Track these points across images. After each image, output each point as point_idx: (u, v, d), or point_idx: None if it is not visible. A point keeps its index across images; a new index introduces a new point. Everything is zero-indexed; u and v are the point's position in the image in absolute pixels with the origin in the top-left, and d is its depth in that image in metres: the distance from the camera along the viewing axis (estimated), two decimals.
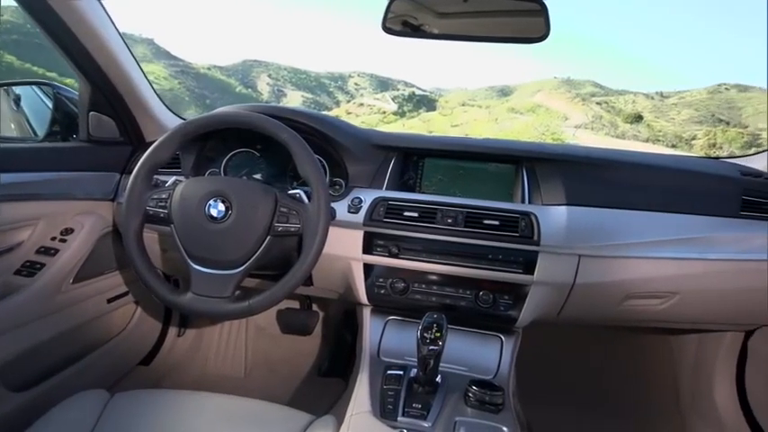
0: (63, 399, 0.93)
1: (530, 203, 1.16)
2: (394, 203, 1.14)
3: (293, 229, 0.99)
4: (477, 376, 1.04)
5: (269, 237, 0.99)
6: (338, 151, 1.23)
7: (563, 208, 1.11)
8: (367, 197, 1.16)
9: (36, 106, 1.40)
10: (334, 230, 1.06)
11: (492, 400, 0.93)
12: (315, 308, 1.81)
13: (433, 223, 1.11)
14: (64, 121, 1.33)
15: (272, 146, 1.05)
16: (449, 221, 1.10)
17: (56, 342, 1.24)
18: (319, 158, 1.20)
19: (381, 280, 1.17)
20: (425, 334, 0.90)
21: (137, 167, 1.03)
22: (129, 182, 1.03)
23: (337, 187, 1.23)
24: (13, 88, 1.46)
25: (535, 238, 1.07)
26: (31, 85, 1.46)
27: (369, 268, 1.17)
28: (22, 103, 1.44)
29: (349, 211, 1.15)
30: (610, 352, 1.73)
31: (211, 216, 0.98)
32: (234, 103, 1.34)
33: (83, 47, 1.13)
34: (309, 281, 1.25)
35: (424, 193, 1.24)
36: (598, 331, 1.72)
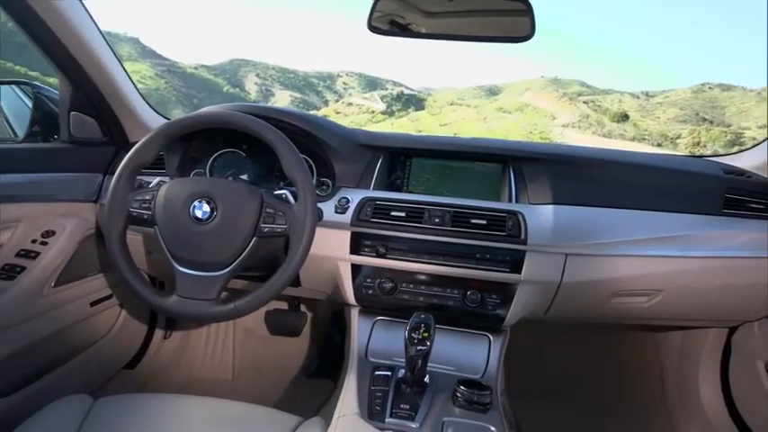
0: (45, 404, 0.92)
1: (517, 203, 1.16)
2: (381, 203, 1.14)
3: (279, 230, 0.98)
4: (465, 376, 1.04)
5: (255, 238, 0.98)
6: (325, 151, 1.23)
7: (550, 207, 1.11)
8: (354, 197, 1.16)
9: (15, 106, 1.38)
10: (321, 231, 1.05)
11: (480, 399, 0.93)
12: (303, 308, 1.80)
13: (421, 223, 1.11)
14: (44, 121, 1.31)
15: (259, 146, 1.04)
16: (436, 221, 1.10)
17: (37, 346, 1.22)
18: (306, 158, 1.20)
19: (369, 280, 1.16)
20: (413, 334, 0.90)
21: (119, 168, 1.02)
22: (111, 183, 1.02)
23: (324, 187, 1.23)
24: None
25: (522, 237, 1.07)
26: (10, 85, 1.43)
27: (356, 268, 1.16)
28: (0, 103, 1.41)
29: (336, 212, 1.14)
30: (597, 349, 1.74)
31: (196, 217, 0.97)
32: (221, 103, 1.32)
33: (63, 46, 1.11)
34: (297, 282, 1.25)
35: (411, 192, 1.24)
36: (585, 329, 1.73)
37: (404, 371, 0.97)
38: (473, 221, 1.09)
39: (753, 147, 1.31)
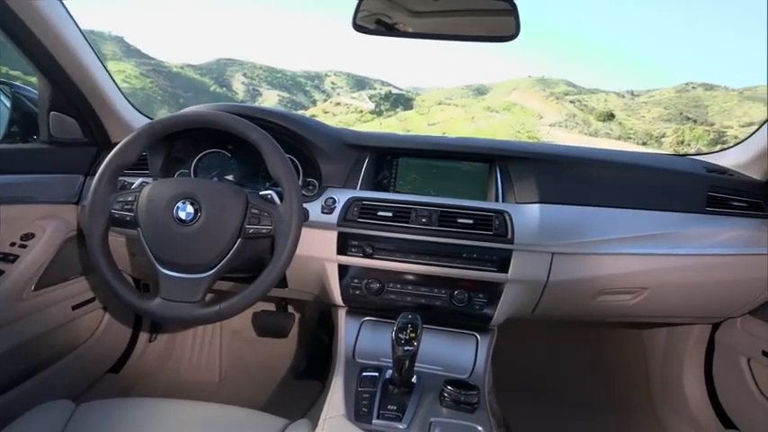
0: (25, 411, 0.90)
1: (503, 202, 1.17)
2: (368, 203, 1.13)
3: (265, 231, 0.97)
4: (452, 376, 1.04)
5: (240, 239, 0.97)
6: (311, 151, 1.22)
7: (536, 206, 1.12)
8: (341, 197, 1.15)
9: None
10: (307, 231, 1.05)
11: (467, 399, 0.93)
12: (290, 309, 1.79)
13: (408, 223, 1.10)
14: (23, 121, 1.29)
15: (244, 146, 1.03)
16: (423, 221, 1.10)
17: (17, 351, 1.19)
18: (292, 158, 1.19)
19: (356, 281, 1.16)
20: (400, 335, 0.90)
21: (101, 169, 1.00)
22: (92, 184, 1.00)
23: (311, 188, 1.22)
24: None
25: (509, 236, 1.07)
26: None
27: (343, 269, 1.16)
28: None
29: (323, 212, 1.14)
30: (584, 347, 1.76)
31: (180, 219, 0.96)
32: (208, 103, 1.31)
33: (41, 45, 1.09)
34: (284, 283, 1.24)
35: (398, 192, 1.23)
36: (572, 327, 1.75)
37: (391, 371, 0.97)
38: (460, 221, 1.09)
39: (735, 145, 1.33)
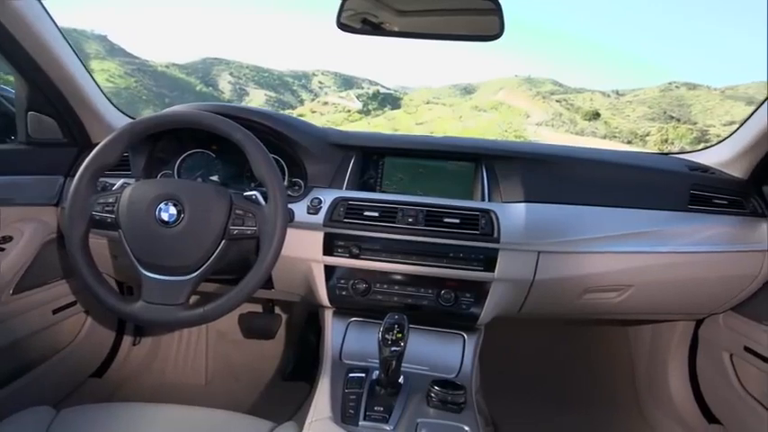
0: (3, 418, 0.87)
1: (489, 201, 1.17)
2: (354, 203, 1.13)
3: (249, 232, 0.96)
4: (439, 376, 1.04)
5: (224, 240, 0.96)
6: (296, 151, 1.21)
7: (522, 205, 1.12)
8: (327, 197, 1.14)
9: None
10: (293, 232, 1.04)
11: (454, 399, 0.93)
12: (277, 311, 1.77)
13: (394, 222, 1.10)
14: (0, 121, 1.25)
15: (228, 146, 1.02)
16: (409, 220, 1.10)
17: None
18: (277, 159, 1.18)
19: (343, 281, 1.15)
20: (387, 335, 0.90)
21: (80, 170, 0.98)
22: (72, 185, 0.98)
23: (296, 188, 1.21)
24: None
25: (495, 235, 1.07)
26: None
27: (330, 270, 1.15)
28: None
29: (308, 212, 1.13)
30: (570, 345, 1.77)
31: (162, 220, 0.94)
32: (194, 102, 1.29)
33: (17, 43, 1.06)
34: (270, 284, 1.23)
35: (384, 192, 1.23)
36: (559, 325, 1.76)
37: (378, 372, 0.97)
38: (446, 221, 1.09)
39: (717, 143, 1.35)
